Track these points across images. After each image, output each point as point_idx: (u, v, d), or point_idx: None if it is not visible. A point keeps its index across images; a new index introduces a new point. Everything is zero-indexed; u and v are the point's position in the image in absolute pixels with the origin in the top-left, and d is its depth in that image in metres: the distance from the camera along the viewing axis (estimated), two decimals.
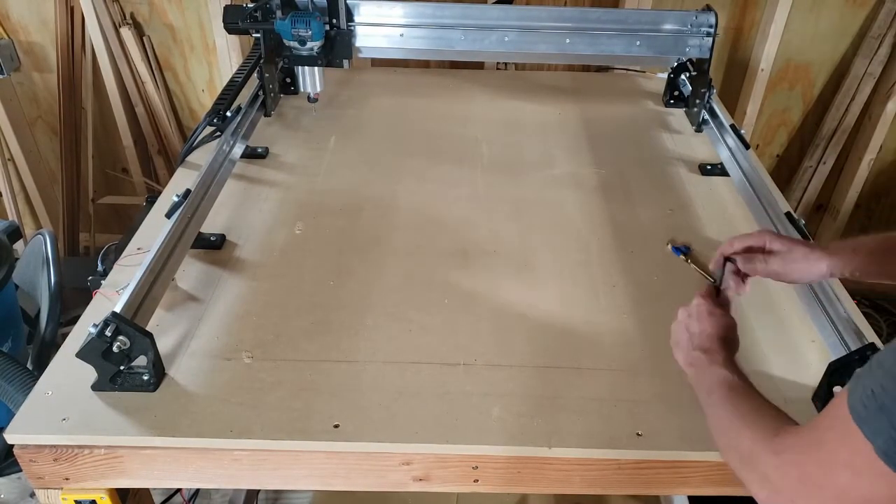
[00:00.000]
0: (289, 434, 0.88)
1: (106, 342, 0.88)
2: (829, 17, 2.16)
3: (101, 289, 1.10)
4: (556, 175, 1.47)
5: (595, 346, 1.04)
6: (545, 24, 1.65)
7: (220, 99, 1.53)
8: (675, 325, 0.92)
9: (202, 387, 0.94)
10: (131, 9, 2.25)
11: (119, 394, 0.92)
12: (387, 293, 1.13)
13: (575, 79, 1.94)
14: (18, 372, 1.27)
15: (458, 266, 1.19)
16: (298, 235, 1.26)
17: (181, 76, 2.39)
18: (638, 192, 1.41)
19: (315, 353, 1.01)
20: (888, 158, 2.41)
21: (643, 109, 1.77)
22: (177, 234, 1.09)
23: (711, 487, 0.92)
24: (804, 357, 1.02)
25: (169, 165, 2.53)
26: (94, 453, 0.89)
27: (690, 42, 1.66)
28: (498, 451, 0.89)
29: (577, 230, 1.29)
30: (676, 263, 1.21)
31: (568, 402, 0.94)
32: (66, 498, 0.92)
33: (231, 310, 1.08)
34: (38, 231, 1.69)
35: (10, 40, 2.30)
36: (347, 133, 1.62)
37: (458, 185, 1.42)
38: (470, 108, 1.75)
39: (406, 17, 1.64)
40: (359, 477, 0.91)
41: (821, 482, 0.57)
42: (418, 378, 0.97)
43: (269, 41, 1.55)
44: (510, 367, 0.99)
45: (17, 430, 0.88)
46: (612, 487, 0.93)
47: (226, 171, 1.34)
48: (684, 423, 0.91)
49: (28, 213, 2.59)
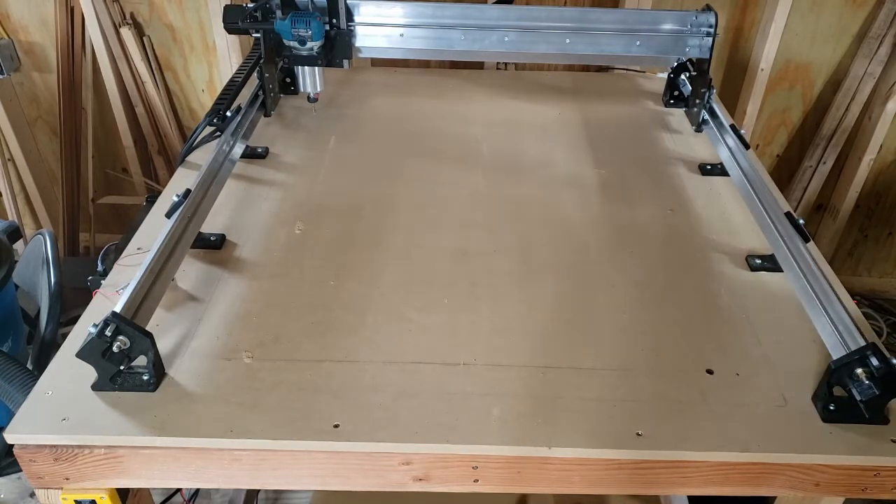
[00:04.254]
0: (289, 434, 0.88)
1: (106, 342, 0.88)
2: (829, 17, 2.16)
3: (101, 289, 1.10)
4: (556, 175, 1.47)
5: (595, 346, 1.04)
6: (545, 24, 1.65)
7: (220, 99, 1.53)
8: None
9: (202, 387, 0.94)
10: (131, 9, 2.25)
11: (119, 394, 0.92)
12: (387, 293, 1.13)
13: (575, 79, 1.94)
14: (18, 372, 1.28)
15: (458, 266, 1.19)
16: (298, 235, 1.26)
17: (181, 76, 2.39)
18: (638, 192, 1.41)
19: (315, 353, 1.01)
20: (888, 158, 2.41)
21: (643, 109, 1.77)
22: (177, 234, 1.09)
23: (711, 487, 0.92)
24: (804, 357, 1.02)
25: (169, 165, 2.53)
26: (94, 453, 0.89)
27: (690, 42, 1.66)
28: (498, 451, 0.89)
29: (576, 230, 1.29)
30: (676, 263, 1.21)
31: (568, 402, 0.94)
32: (66, 498, 0.92)
33: (231, 310, 1.08)
34: (39, 231, 1.69)
35: (10, 40, 2.30)
36: (347, 133, 1.62)
37: (458, 185, 1.42)
38: (470, 108, 1.75)
39: (406, 17, 1.64)
40: (359, 477, 0.91)
41: None
42: (418, 378, 0.97)
43: (269, 41, 1.55)
44: (510, 367, 0.99)
45: (17, 430, 0.88)
46: (612, 487, 0.93)
47: (226, 171, 1.34)
48: (684, 422, 0.91)
49: (28, 213, 2.60)
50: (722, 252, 1.23)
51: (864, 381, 0.87)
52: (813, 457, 0.88)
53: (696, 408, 0.93)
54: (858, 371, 0.88)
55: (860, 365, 0.88)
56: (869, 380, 0.86)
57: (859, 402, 0.88)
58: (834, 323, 0.98)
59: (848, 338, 0.93)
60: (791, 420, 0.92)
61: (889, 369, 0.86)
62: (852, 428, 0.90)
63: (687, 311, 1.11)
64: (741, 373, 0.99)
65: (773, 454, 0.88)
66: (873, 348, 0.88)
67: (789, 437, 0.89)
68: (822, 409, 0.92)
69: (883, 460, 0.88)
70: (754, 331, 1.07)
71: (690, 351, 1.03)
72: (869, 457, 0.88)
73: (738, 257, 1.22)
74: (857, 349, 0.89)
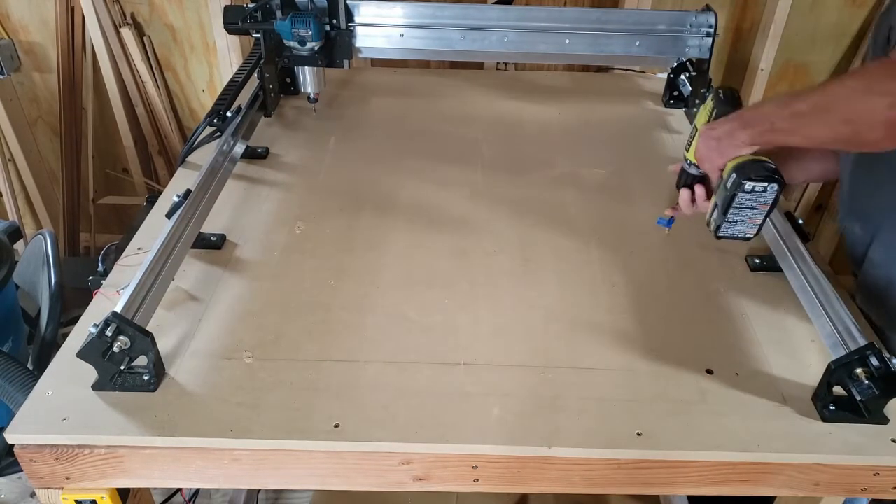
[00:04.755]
0: (289, 434, 0.88)
1: (106, 342, 0.88)
2: (829, 17, 2.16)
3: (102, 289, 1.10)
4: (556, 175, 1.48)
5: (595, 346, 1.04)
6: (545, 25, 1.65)
7: (221, 99, 1.53)
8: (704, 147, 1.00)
9: (202, 387, 0.94)
10: (131, 9, 2.25)
11: (119, 394, 0.92)
12: (387, 293, 1.13)
13: (575, 79, 1.94)
14: (19, 372, 1.27)
15: (458, 266, 1.19)
16: (298, 235, 1.26)
17: (181, 76, 2.39)
18: (638, 192, 1.41)
19: (315, 353, 1.01)
20: None
21: (643, 109, 1.77)
22: (177, 234, 1.09)
23: (711, 487, 0.92)
24: (804, 357, 1.02)
25: (169, 165, 2.53)
26: (95, 453, 0.89)
27: (690, 42, 1.66)
28: (498, 451, 0.89)
29: (577, 230, 1.29)
30: (676, 263, 1.21)
31: (568, 402, 0.94)
32: (67, 498, 0.93)
33: (231, 310, 1.08)
34: (39, 231, 1.69)
35: (11, 40, 2.30)
36: (347, 133, 1.62)
37: (458, 185, 1.42)
38: (470, 109, 1.75)
39: (406, 18, 1.64)
40: (359, 477, 0.91)
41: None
42: (418, 378, 0.97)
43: (269, 41, 1.55)
44: (510, 367, 1.00)
45: (17, 430, 0.88)
46: (612, 487, 0.93)
47: (226, 172, 1.34)
48: (684, 423, 0.91)
49: (28, 213, 2.60)
50: (721, 252, 1.23)
51: (864, 381, 0.87)
52: (812, 457, 0.88)
53: (696, 408, 0.93)
54: (858, 371, 0.88)
55: (860, 365, 0.88)
56: (868, 380, 0.87)
57: (859, 402, 0.89)
58: (833, 323, 0.98)
59: (847, 338, 0.93)
60: (791, 420, 0.92)
61: (889, 369, 0.86)
62: (852, 428, 0.90)
63: (687, 310, 1.11)
64: (741, 373, 0.99)
65: (773, 454, 0.88)
66: (873, 348, 0.88)
67: (789, 436, 0.90)
68: (821, 408, 0.92)
69: (883, 460, 0.88)
70: (754, 331, 1.07)
71: (690, 351, 1.03)
72: (869, 457, 0.88)
73: (738, 257, 1.22)
74: (857, 349, 0.89)
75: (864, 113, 0.78)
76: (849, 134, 0.81)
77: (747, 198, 0.95)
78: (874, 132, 0.77)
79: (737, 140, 0.96)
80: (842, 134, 0.82)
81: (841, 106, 0.81)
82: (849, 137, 0.82)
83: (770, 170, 0.94)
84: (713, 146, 0.99)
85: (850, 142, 0.83)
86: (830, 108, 0.82)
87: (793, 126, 0.87)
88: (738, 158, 0.97)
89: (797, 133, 0.87)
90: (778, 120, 0.89)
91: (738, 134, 0.95)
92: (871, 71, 0.77)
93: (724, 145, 0.98)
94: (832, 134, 0.83)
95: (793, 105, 0.87)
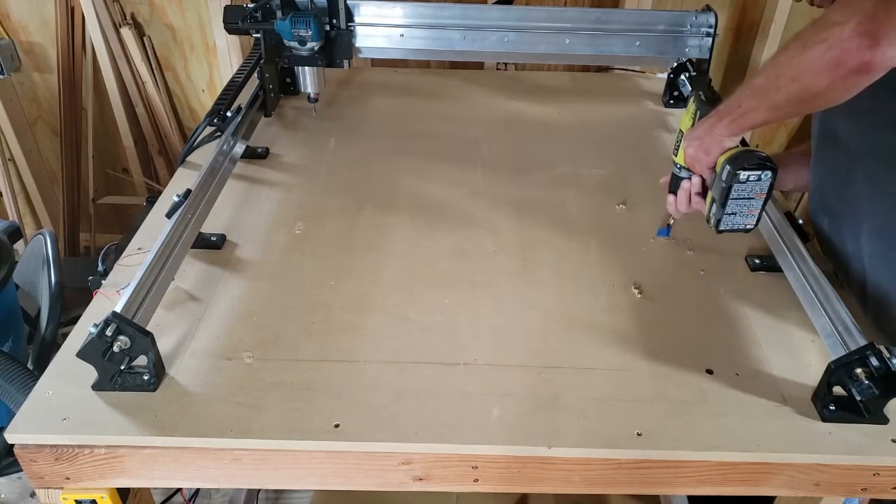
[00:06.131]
0: (289, 434, 0.88)
1: (106, 342, 0.88)
2: None
3: (102, 289, 1.10)
4: (556, 175, 1.48)
5: (595, 346, 1.04)
6: (545, 25, 1.65)
7: (221, 99, 1.53)
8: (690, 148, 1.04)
9: (202, 387, 0.94)
10: (131, 9, 2.25)
11: (119, 394, 0.92)
12: (387, 293, 1.13)
13: (575, 79, 1.94)
14: (19, 372, 1.28)
15: (458, 266, 1.19)
16: (298, 235, 1.26)
17: (181, 76, 2.39)
18: (638, 192, 1.41)
19: (315, 353, 1.01)
20: None
21: (643, 109, 1.77)
22: (177, 234, 1.09)
23: (711, 487, 0.92)
24: (804, 357, 1.02)
25: (169, 165, 2.53)
26: (95, 453, 0.89)
27: (690, 42, 1.66)
28: (498, 451, 0.89)
29: (577, 230, 1.30)
30: (676, 263, 1.22)
31: (568, 402, 0.94)
32: (67, 498, 0.93)
33: (231, 310, 1.08)
34: (39, 231, 1.69)
35: (11, 40, 2.30)
36: (347, 133, 1.62)
37: (458, 185, 1.42)
38: (470, 109, 1.75)
39: (406, 18, 1.64)
40: (359, 477, 0.91)
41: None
42: (418, 378, 0.97)
43: (269, 41, 1.55)
44: (510, 367, 1.00)
45: (17, 430, 0.88)
46: (612, 487, 0.93)
47: (226, 172, 1.34)
48: (684, 423, 0.91)
49: (28, 213, 2.60)
50: (721, 252, 1.23)
51: (864, 380, 0.87)
52: (812, 457, 0.88)
53: (696, 408, 0.93)
54: (858, 371, 0.88)
55: (860, 365, 0.88)
56: (868, 380, 0.86)
57: (859, 402, 0.89)
58: (833, 323, 0.98)
59: (847, 338, 0.93)
60: (791, 420, 0.92)
61: (889, 369, 0.86)
62: (852, 428, 0.90)
63: (687, 310, 1.11)
64: (741, 373, 0.99)
65: (773, 454, 0.88)
66: (873, 348, 0.88)
67: (789, 436, 0.90)
68: (821, 408, 0.92)
69: (883, 460, 0.88)
70: (754, 331, 1.07)
71: (690, 351, 1.03)
72: (869, 457, 0.88)
73: (738, 257, 1.22)
74: (857, 349, 0.89)
75: (806, 64, 0.82)
76: (799, 90, 0.85)
77: (743, 188, 0.98)
78: (820, 80, 0.81)
79: (716, 134, 0.99)
80: (794, 93, 0.85)
81: (787, 67, 0.85)
82: (801, 94, 0.85)
83: (761, 157, 0.97)
84: (697, 146, 1.02)
85: (803, 99, 0.86)
86: (780, 73, 0.86)
87: (757, 102, 0.92)
88: (728, 152, 0.99)
89: (762, 107, 0.91)
90: (744, 100, 0.94)
91: (716, 127, 0.99)
92: (805, 30, 0.83)
93: (707, 142, 1.01)
94: (787, 96, 0.87)
95: (752, 83, 0.92)
